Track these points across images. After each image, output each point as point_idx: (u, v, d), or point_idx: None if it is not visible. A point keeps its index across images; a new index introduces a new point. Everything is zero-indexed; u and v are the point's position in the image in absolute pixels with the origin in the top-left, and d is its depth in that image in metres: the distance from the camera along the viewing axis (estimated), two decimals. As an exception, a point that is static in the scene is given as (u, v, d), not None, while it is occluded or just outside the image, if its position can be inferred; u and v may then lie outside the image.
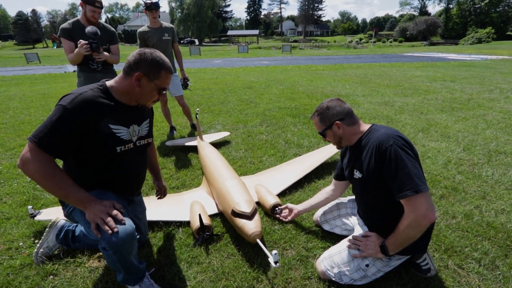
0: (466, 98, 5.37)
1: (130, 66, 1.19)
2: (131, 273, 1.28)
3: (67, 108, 1.09)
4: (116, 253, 1.14)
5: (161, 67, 1.20)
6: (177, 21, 49.51)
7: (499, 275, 1.45)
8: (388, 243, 1.23)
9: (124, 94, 1.24)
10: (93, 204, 1.12)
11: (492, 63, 12.14)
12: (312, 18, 64.99)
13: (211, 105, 5.19)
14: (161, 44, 3.18)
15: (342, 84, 7.14)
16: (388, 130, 1.22)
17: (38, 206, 2.11)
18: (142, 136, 1.38)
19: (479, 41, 36.72)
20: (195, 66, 13.16)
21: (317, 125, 1.40)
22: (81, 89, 1.19)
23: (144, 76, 1.18)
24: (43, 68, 13.72)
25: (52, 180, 1.10)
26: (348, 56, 19.23)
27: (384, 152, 1.15)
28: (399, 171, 1.11)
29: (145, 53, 1.18)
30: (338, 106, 1.34)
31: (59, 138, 1.09)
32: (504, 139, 3.29)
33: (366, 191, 1.33)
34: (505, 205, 2.04)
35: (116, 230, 1.09)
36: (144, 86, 1.21)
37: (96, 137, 1.17)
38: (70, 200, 1.14)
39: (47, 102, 5.74)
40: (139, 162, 1.42)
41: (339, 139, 1.38)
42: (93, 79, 2.57)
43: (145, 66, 1.18)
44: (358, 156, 1.33)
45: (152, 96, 1.26)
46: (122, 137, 1.26)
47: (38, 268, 1.51)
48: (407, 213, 1.14)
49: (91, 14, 2.40)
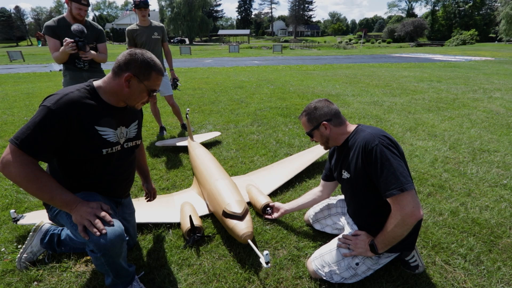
0: (452, 98, 5.52)
1: (119, 66, 1.16)
2: (120, 276, 1.25)
3: (51, 109, 1.05)
4: (105, 255, 1.11)
5: (151, 68, 1.17)
6: (167, 20, 48.91)
7: (484, 270, 1.49)
8: (377, 242, 1.25)
9: (112, 95, 1.21)
10: (79, 206, 1.09)
11: (476, 64, 12.54)
12: (302, 19, 65.51)
13: (201, 105, 5.15)
14: (150, 43, 3.13)
15: (332, 84, 7.21)
16: (374, 130, 1.24)
17: (21, 210, 2.04)
18: (130, 138, 1.35)
19: (463, 43, 37.87)
20: (185, 66, 13.02)
21: (305, 125, 1.41)
22: (66, 89, 1.15)
23: (134, 76, 1.15)
24: (27, 67, 13.28)
25: (36, 183, 1.06)
26: (338, 57, 19.46)
27: (370, 152, 1.17)
28: (384, 170, 1.13)
29: (136, 54, 1.15)
30: (326, 107, 1.35)
31: (42, 140, 1.05)
32: (488, 137, 3.40)
33: (355, 191, 1.35)
34: (489, 201, 2.10)
35: (104, 232, 1.06)
36: (133, 87, 1.17)
37: (81, 140, 1.13)
38: (55, 202, 1.10)
39: (31, 102, 5.56)
40: (127, 165, 1.38)
41: (326, 140, 1.39)
42: (79, 78, 2.50)
43: (135, 66, 1.15)
44: (346, 156, 1.34)
45: (142, 98, 1.22)
46: (108, 139, 1.22)
47: (22, 274, 1.46)
48: (393, 211, 1.15)
49: (77, 12, 2.32)
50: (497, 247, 1.66)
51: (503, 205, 2.06)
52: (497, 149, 3.04)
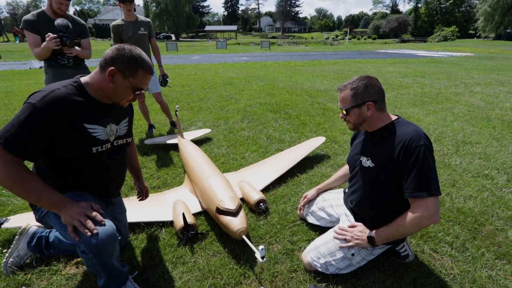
0: (435, 93, 5.69)
1: (106, 61, 1.12)
2: (113, 277, 1.22)
3: (36, 107, 1.01)
4: (97, 256, 1.08)
5: (139, 65, 1.12)
6: (152, 15, 47.68)
7: (469, 256, 1.56)
8: (378, 235, 1.26)
9: (98, 91, 1.17)
10: (68, 206, 1.05)
11: (457, 60, 12.97)
12: (289, 15, 65.51)
13: (190, 102, 5.08)
14: (136, 39, 3.04)
15: (321, 80, 7.28)
16: (417, 128, 1.19)
17: (5, 213, 1.95)
18: (120, 135, 1.31)
19: (445, 39, 39.02)
20: (172, 62, 12.79)
21: (345, 99, 1.26)
22: (52, 85, 1.10)
23: (118, 72, 1.11)
24: (5, 64, 12.67)
25: (21, 184, 1.01)
26: (326, 53, 19.63)
27: (413, 151, 1.13)
28: (421, 172, 1.12)
29: (124, 49, 1.11)
30: (377, 86, 1.23)
31: (28, 139, 1.01)
32: (470, 130, 3.53)
33: (372, 182, 1.31)
34: (472, 191, 2.19)
35: (95, 232, 1.03)
36: (117, 83, 1.13)
37: (70, 138, 1.09)
38: (43, 203, 1.06)
39: (11, 100, 5.31)
40: (118, 163, 1.34)
41: (362, 121, 1.27)
42: (63, 75, 2.40)
43: (122, 61, 1.10)
44: (375, 145, 1.28)
45: (126, 95, 1.17)
46: (98, 137, 1.18)
47: (8, 279, 1.40)
48: (413, 211, 1.16)
49: (58, 6, 2.22)
50: (480, 234, 1.74)
51: (485, 194, 2.15)
52: (478, 141, 3.17)
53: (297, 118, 4.04)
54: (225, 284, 1.40)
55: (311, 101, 5.05)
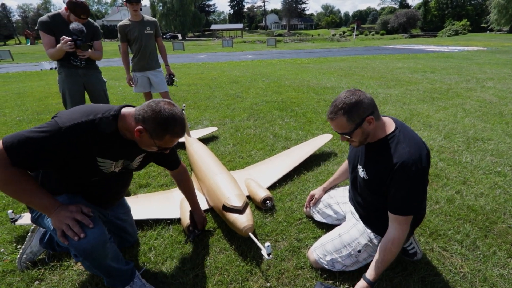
0: (446, 88, 5.57)
1: (139, 116, 1.07)
2: (113, 276, 1.24)
3: (60, 129, 0.99)
4: (88, 259, 1.08)
5: (167, 131, 1.07)
6: (158, 15, 48.06)
7: (480, 255, 1.53)
8: (374, 278, 1.21)
9: (127, 131, 1.12)
10: (58, 210, 1.05)
11: (469, 54, 12.63)
12: (295, 12, 65.00)
13: (197, 101, 5.11)
14: (143, 38, 3.08)
15: (328, 77, 7.21)
16: (414, 148, 1.12)
17: (18, 210, 2.01)
18: (129, 169, 1.29)
19: (456, 33, 38.03)
20: (179, 61, 12.87)
21: (342, 125, 1.15)
22: (89, 112, 1.06)
23: (146, 131, 1.07)
24: (17, 66, 13.00)
25: (14, 186, 1.00)
26: (332, 49, 19.42)
27: (404, 175, 1.11)
28: (406, 196, 1.14)
29: (159, 110, 1.04)
30: (366, 98, 1.13)
31: (36, 156, 0.98)
32: (481, 126, 3.45)
33: (368, 190, 1.30)
34: (484, 189, 2.14)
35: (82, 236, 1.03)
36: (143, 139, 1.10)
37: (75, 164, 1.08)
38: (34, 206, 1.07)
39: (23, 101, 5.45)
40: (119, 184, 1.33)
41: (366, 137, 1.19)
42: (75, 75, 2.49)
43: (151, 123, 1.05)
44: (371, 158, 1.25)
45: (151, 149, 1.16)
46: (103, 169, 1.16)
47: (22, 274, 1.45)
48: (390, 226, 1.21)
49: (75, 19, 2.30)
50: (492, 232, 1.70)
51: (497, 191, 2.10)
52: (490, 138, 3.09)
53: (303, 116, 4.02)
54: (231, 280, 1.42)
55: (317, 98, 5.01)
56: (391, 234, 1.19)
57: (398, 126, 1.21)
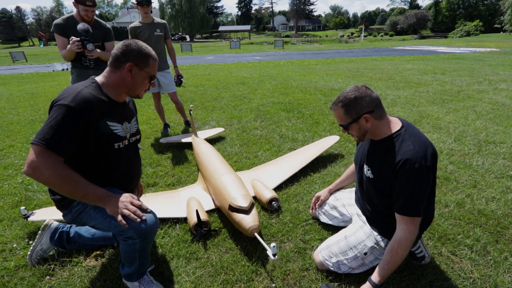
0: (456, 90, 5.46)
1: (117, 58, 1.19)
2: (143, 265, 1.30)
3: (71, 107, 1.07)
4: (144, 241, 1.17)
5: (148, 55, 1.22)
6: (167, 17, 48.71)
7: (490, 260, 1.50)
8: (379, 281, 1.20)
9: (115, 89, 1.24)
10: (113, 198, 1.14)
11: (481, 56, 12.36)
12: (303, 13, 64.81)
13: (204, 102, 5.15)
14: (153, 40, 3.13)
15: (335, 78, 7.17)
16: (419, 146, 1.12)
17: (31, 207, 2.07)
18: (133, 133, 1.37)
19: (467, 34, 37.29)
20: (187, 63, 13.01)
21: (340, 117, 1.21)
22: (75, 87, 1.16)
23: (134, 66, 1.20)
24: (30, 67, 13.36)
25: (70, 182, 1.07)
26: (340, 51, 19.28)
27: (407, 171, 1.11)
28: (411, 194, 1.13)
29: (130, 44, 1.19)
30: (368, 97, 1.16)
31: (68, 137, 1.07)
32: (493, 129, 3.37)
33: (373, 190, 1.30)
34: (495, 193, 2.09)
35: (144, 218, 1.13)
36: (136, 76, 1.22)
37: (97, 135, 1.16)
38: (89, 198, 1.12)
39: (36, 101, 5.60)
40: (136, 159, 1.41)
41: (364, 134, 1.23)
42: (85, 75, 2.53)
43: (134, 55, 1.19)
44: (377, 157, 1.25)
45: (144, 85, 1.27)
46: (118, 133, 1.25)
47: (34, 269, 1.49)
48: (398, 227, 1.19)
49: (85, 13, 2.40)
50: (504, 237, 1.66)
51: (509, 196, 2.05)
52: (503, 141, 3.02)
53: (310, 117, 4.01)
54: (237, 280, 1.42)
55: (325, 100, 4.98)
56: (398, 235, 1.18)
57: (405, 125, 1.22)
